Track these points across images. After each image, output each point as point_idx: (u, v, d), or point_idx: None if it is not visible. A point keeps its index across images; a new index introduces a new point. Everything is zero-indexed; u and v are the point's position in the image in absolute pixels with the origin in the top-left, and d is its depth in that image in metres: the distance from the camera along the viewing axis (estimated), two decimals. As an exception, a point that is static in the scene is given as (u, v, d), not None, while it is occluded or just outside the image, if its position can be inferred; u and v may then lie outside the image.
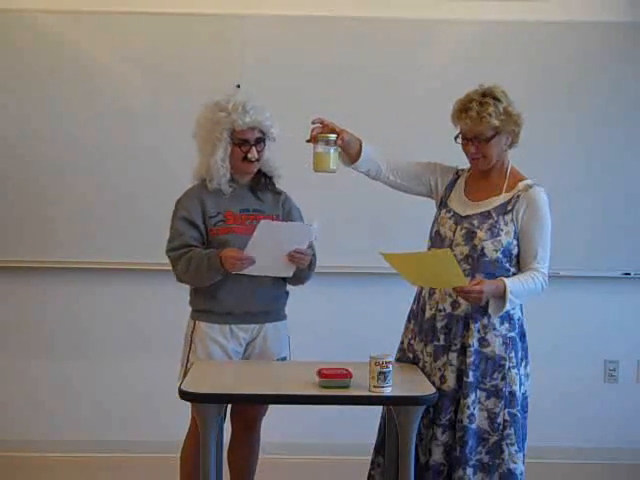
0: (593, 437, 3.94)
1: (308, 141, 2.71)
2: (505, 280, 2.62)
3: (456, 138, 2.73)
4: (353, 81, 3.74)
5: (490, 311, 2.64)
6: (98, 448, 3.86)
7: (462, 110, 2.68)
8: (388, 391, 2.47)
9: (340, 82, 3.74)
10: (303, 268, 2.89)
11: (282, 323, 3.02)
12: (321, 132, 2.70)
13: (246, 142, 2.88)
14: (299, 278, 2.96)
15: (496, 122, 2.65)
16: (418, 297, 2.85)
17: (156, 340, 3.79)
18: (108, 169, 3.77)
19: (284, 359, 3.01)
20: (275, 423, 3.08)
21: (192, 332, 2.93)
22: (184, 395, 2.48)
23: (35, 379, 3.89)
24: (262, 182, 3.00)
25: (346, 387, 2.51)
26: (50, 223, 3.77)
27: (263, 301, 2.93)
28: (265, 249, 2.76)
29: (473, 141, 2.69)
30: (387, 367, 2.47)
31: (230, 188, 2.91)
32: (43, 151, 3.76)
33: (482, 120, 2.64)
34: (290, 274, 2.89)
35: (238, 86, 3.65)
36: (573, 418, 3.94)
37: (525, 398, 2.73)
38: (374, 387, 2.48)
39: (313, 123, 2.72)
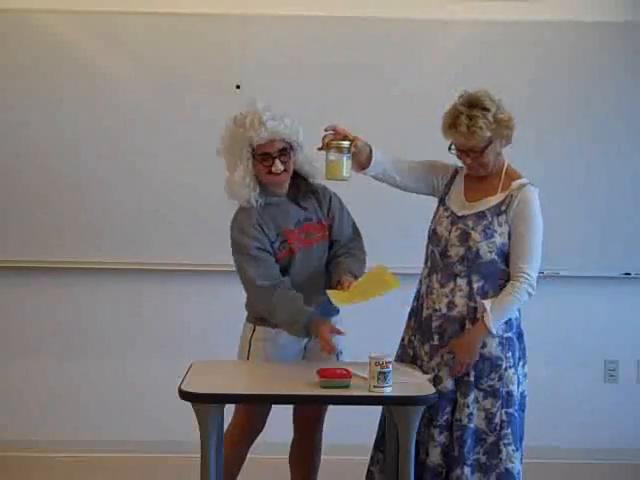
0: (593, 437, 3.94)
1: (320, 149, 2.67)
2: (485, 322, 2.61)
3: (450, 149, 2.71)
4: (353, 81, 3.74)
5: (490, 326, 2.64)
6: (98, 448, 3.86)
7: (451, 126, 2.64)
8: (388, 391, 2.47)
9: (340, 82, 3.73)
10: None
11: (336, 318, 2.94)
12: (333, 139, 2.66)
13: (268, 156, 2.78)
14: None
15: (488, 133, 2.62)
16: (417, 295, 2.86)
17: (156, 340, 3.79)
18: (108, 169, 3.77)
19: (340, 352, 2.93)
20: (275, 423, 3.07)
21: (251, 336, 2.90)
22: (184, 395, 2.48)
23: (35, 379, 3.89)
24: (302, 188, 2.91)
25: (346, 387, 2.52)
26: (51, 223, 3.77)
27: (317, 312, 2.82)
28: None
29: (467, 153, 2.67)
30: (387, 367, 2.46)
31: (257, 202, 2.81)
32: (43, 151, 3.76)
33: (473, 134, 2.60)
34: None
35: (238, 87, 3.65)
36: (573, 418, 3.94)
37: (523, 398, 2.73)
38: (374, 387, 2.48)
39: (326, 130, 2.68)
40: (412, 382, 2.58)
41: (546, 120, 3.76)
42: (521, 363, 2.73)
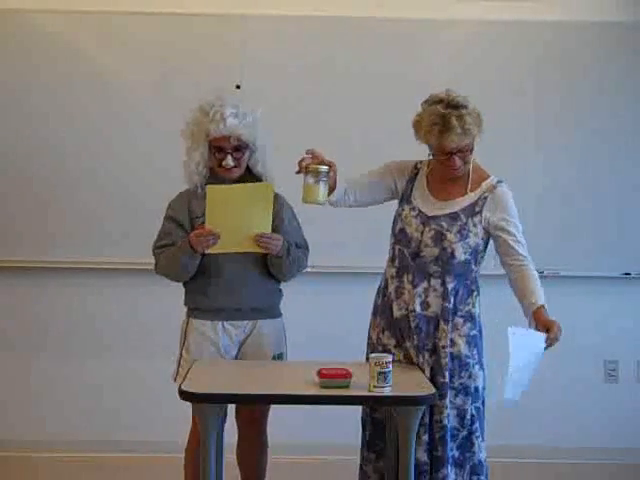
0: (593, 437, 3.94)
1: (298, 172, 2.68)
2: (542, 303, 2.67)
3: (434, 155, 2.71)
4: (353, 81, 3.74)
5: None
6: (98, 448, 3.86)
7: (444, 129, 2.63)
8: (388, 391, 2.47)
9: (340, 82, 3.74)
10: (276, 255, 2.86)
11: (277, 320, 3.02)
12: (311, 163, 2.66)
13: (221, 150, 2.89)
14: (279, 268, 2.92)
15: (476, 130, 2.66)
16: (383, 292, 2.86)
17: (156, 340, 3.79)
18: (108, 169, 3.77)
19: (280, 356, 3.01)
20: (275, 423, 3.08)
21: (186, 329, 2.98)
22: (184, 395, 2.48)
23: (35, 379, 3.89)
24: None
25: (346, 387, 2.52)
26: (50, 223, 3.77)
27: (253, 298, 2.94)
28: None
29: (457, 154, 2.67)
30: (387, 367, 2.47)
31: (202, 189, 2.89)
32: (43, 151, 3.76)
33: (467, 133, 2.63)
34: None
35: (238, 87, 3.65)
36: (573, 418, 3.93)
37: (483, 389, 2.77)
38: (374, 387, 2.48)
39: (306, 154, 2.68)
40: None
41: (546, 120, 3.76)
42: (483, 355, 2.77)
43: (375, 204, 2.93)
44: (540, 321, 2.63)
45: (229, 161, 2.88)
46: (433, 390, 2.54)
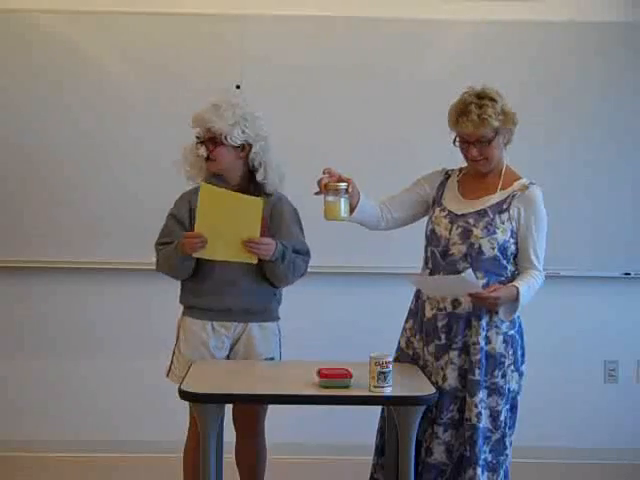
0: (593, 437, 3.94)
1: (317, 193, 2.69)
2: (518, 285, 2.64)
3: (454, 142, 2.74)
4: (353, 81, 3.74)
5: (502, 315, 2.67)
6: (98, 448, 3.86)
7: (461, 114, 2.68)
8: (388, 391, 2.48)
9: (340, 82, 3.74)
10: (269, 260, 2.85)
11: (271, 324, 3.00)
12: (330, 181, 2.67)
13: (197, 138, 2.96)
14: (273, 273, 2.90)
15: (496, 123, 2.66)
16: (417, 295, 2.86)
17: (156, 340, 3.77)
18: (108, 169, 3.77)
19: (272, 360, 2.99)
20: (275, 423, 3.08)
21: (179, 327, 3.02)
22: (184, 395, 2.48)
23: (35, 379, 3.88)
24: (250, 189, 2.95)
25: (346, 387, 2.52)
26: (50, 223, 3.77)
27: (243, 299, 2.93)
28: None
29: (475, 144, 2.70)
30: (387, 367, 2.47)
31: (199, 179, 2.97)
32: (43, 151, 3.76)
33: (483, 122, 2.65)
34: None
35: (238, 87, 3.65)
36: (573, 418, 3.93)
37: (518, 394, 2.75)
38: (374, 387, 2.48)
39: (323, 173, 2.69)
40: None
41: (546, 120, 3.76)
42: (521, 361, 2.75)
43: (413, 221, 2.93)
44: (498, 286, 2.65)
45: (202, 151, 2.93)
46: (433, 390, 2.54)
